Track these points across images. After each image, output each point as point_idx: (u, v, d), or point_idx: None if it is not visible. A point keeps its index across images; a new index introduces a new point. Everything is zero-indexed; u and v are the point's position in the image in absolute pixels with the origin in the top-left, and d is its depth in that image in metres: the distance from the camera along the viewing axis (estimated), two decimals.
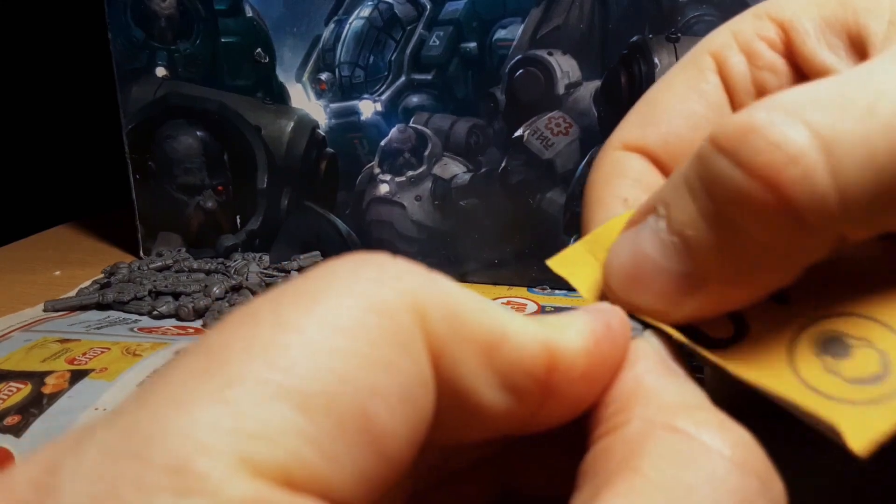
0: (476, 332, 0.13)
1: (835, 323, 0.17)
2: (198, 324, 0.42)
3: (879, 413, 0.15)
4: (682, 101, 0.22)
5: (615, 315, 0.16)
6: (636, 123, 0.22)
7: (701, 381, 0.16)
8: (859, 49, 0.20)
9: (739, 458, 0.13)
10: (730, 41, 0.21)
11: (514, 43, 0.44)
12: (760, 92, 0.21)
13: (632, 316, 0.17)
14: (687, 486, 0.13)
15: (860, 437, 0.15)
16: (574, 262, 0.20)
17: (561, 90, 0.44)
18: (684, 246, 0.16)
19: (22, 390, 0.32)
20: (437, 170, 0.47)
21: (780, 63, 0.21)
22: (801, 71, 0.21)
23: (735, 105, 0.22)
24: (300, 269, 0.48)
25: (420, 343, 0.13)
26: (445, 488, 0.17)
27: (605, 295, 0.18)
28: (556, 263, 0.20)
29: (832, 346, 0.16)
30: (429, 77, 0.46)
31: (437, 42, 0.45)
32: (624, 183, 0.21)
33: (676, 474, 0.13)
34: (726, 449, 0.13)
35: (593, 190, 0.22)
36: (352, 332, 0.12)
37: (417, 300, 0.13)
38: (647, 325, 0.17)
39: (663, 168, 0.22)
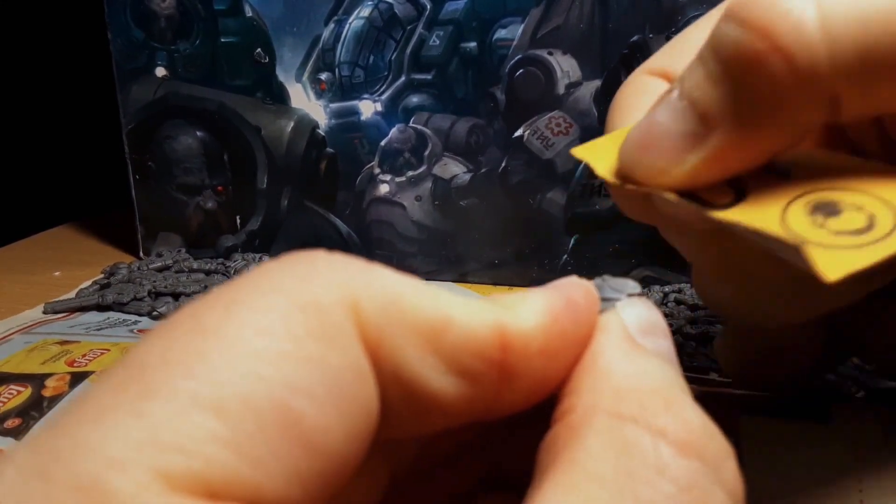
0: (417, 319, 0.13)
1: (831, 194, 0.18)
2: None
3: (858, 253, 0.16)
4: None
5: (578, 288, 0.15)
6: (665, 54, 0.24)
7: (698, 369, 0.16)
8: None
9: (685, 443, 0.13)
10: None
11: (514, 43, 0.44)
12: None
13: (608, 277, 0.17)
14: (627, 473, 0.12)
15: (835, 268, 0.15)
16: (595, 149, 0.21)
17: (561, 90, 0.44)
18: (691, 107, 0.18)
19: (22, 393, 0.32)
20: (437, 170, 0.47)
21: None
22: None
23: None
24: None
25: (352, 335, 0.12)
26: (425, 476, 0.17)
27: (618, 169, 0.20)
28: (579, 151, 0.21)
29: (825, 207, 0.17)
30: (429, 77, 0.46)
31: (437, 42, 0.45)
32: (648, 99, 0.22)
33: (616, 463, 0.12)
34: (670, 433, 0.13)
35: (618, 104, 0.24)
36: (273, 330, 0.12)
37: (349, 293, 0.13)
38: (630, 289, 0.16)
39: None
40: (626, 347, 0.15)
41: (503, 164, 0.46)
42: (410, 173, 0.47)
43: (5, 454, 0.11)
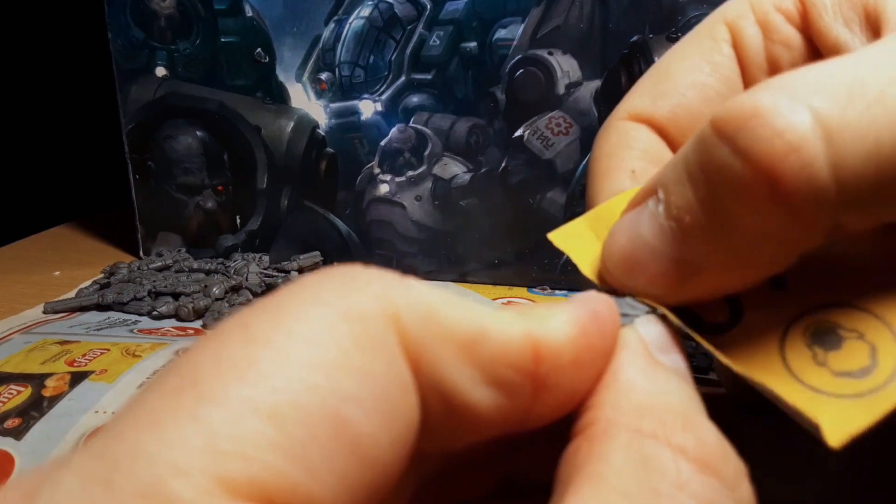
0: (454, 330, 0.13)
1: (830, 313, 0.17)
2: (197, 324, 0.42)
3: (860, 407, 0.15)
4: (694, 73, 0.21)
5: (602, 302, 0.16)
6: (646, 93, 0.22)
7: (698, 369, 0.16)
8: (874, 26, 0.19)
9: (703, 461, 0.13)
10: (746, 11, 0.21)
11: (515, 43, 0.44)
12: (773, 68, 0.21)
13: (627, 297, 0.17)
14: (650, 488, 0.12)
15: (837, 430, 0.15)
16: (575, 237, 0.19)
17: (561, 90, 0.44)
18: (681, 231, 0.16)
19: (22, 393, 0.32)
20: (437, 170, 0.47)
21: (795, 37, 0.21)
22: (816, 46, 0.21)
23: (747, 80, 0.21)
24: (300, 270, 0.48)
25: (395, 346, 0.13)
26: (448, 478, 0.17)
27: (602, 276, 0.18)
28: (558, 237, 0.20)
29: (825, 337, 0.16)
30: (429, 77, 0.46)
31: (437, 42, 0.45)
32: (631, 155, 0.21)
33: (638, 478, 0.13)
34: (690, 451, 0.13)
35: (599, 161, 0.22)
36: (321, 341, 0.12)
37: (390, 305, 0.13)
38: (647, 309, 0.17)
39: (671, 141, 0.22)
40: (645, 364, 0.15)
41: (503, 164, 0.46)
42: (410, 173, 0.47)
43: (63, 461, 0.11)
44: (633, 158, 0.21)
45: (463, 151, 0.46)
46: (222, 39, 0.48)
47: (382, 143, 0.47)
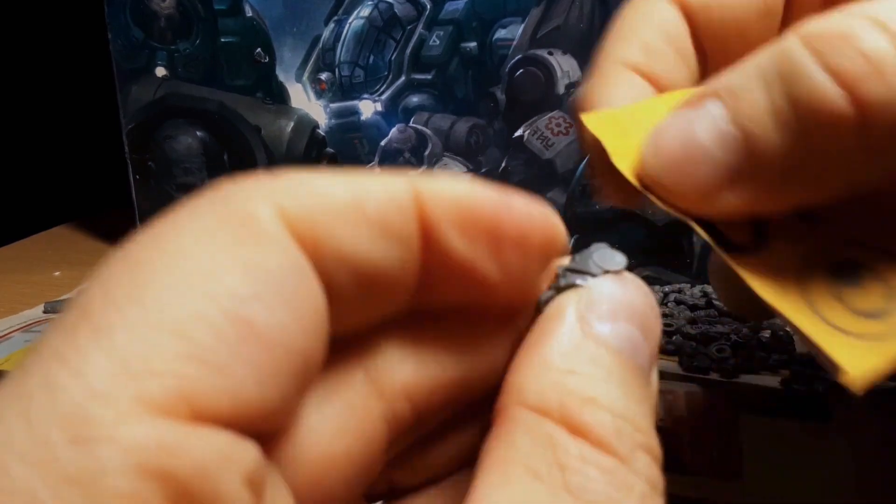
0: (337, 199, 0.13)
1: (855, 250, 0.17)
2: None
3: (876, 350, 0.15)
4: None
5: (527, 202, 0.15)
6: (632, 44, 0.21)
7: (698, 368, 0.16)
8: None
9: (599, 440, 0.13)
10: None
11: (514, 43, 0.44)
12: None
13: (599, 250, 0.16)
14: (558, 465, 0.13)
15: (858, 372, 0.15)
16: (610, 125, 0.19)
17: (561, 90, 0.44)
18: (743, 140, 0.16)
19: None
20: (437, 170, 0.47)
21: None
22: None
23: None
24: None
25: (282, 235, 0.13)
26: (420, 452, 0.17)
27: (641, 173, 0.17)
28: (592, 121, 0.19)
29: (846, 273, 0.16)
30: (429, 77, 0.46)
31: (437, 42, 0.45)
32: (648, 28, 0.21)
33: (545, 457, 0.13)
34: (587, 431, 0.13)
35: (617, 27, 0.22)
36: (206, 248, 0.12)
37: (269, 196, 0.13)
38: (618, 265, 0.16)
39: (695, 26, 0.21)
40: (569, 339, 0.14)
41: (503, 164, 0.46)
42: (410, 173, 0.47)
43: None
44: (649, 31, 0.21)
45: (463, 151, 0.46)
46: (222, 39, 0.48)
47: (382, 143, 0.47)
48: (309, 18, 0.46)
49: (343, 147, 0.48)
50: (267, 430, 0.12)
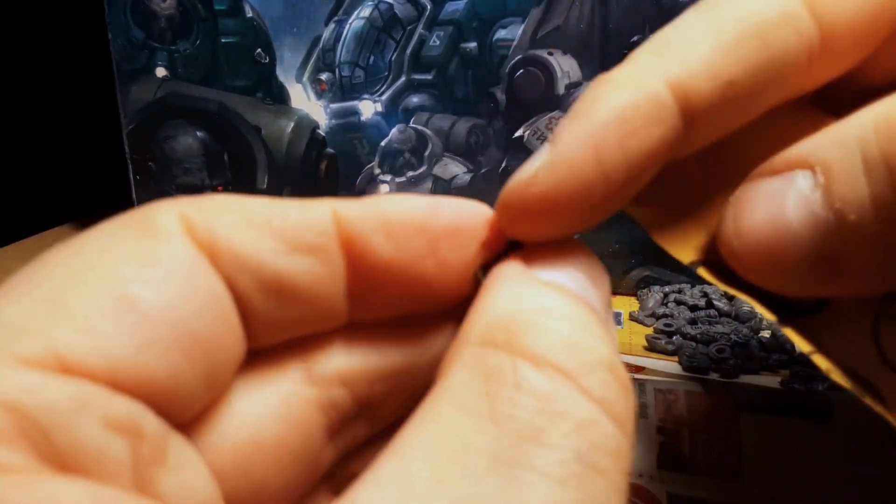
0: (249, 214, 0.15)
1: None
2: None
3: None
4: None
5: (450, 201, 0.16)
6: (677, 59, 0.17)
7: (698, 369, 0.15)
8: None
9: (542, 357, 0.13)
10: None
11: (515, 43, 0.44)
12: None
13: None
14: (487, 395, 0.12)
15: None
16: (678, 236, 0.17)
17: (561, 90, 0.44)
18: (838, 228, 0.14)
19: None
20: (437, 170, 0.47)
21: None
22: None
23: None
24: None
25: (177, 234, 0.14)
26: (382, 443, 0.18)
27: (726, 256, 0.16)
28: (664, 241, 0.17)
29: None
30: (429, 77, 0.46)
31: (437, 42, 0.45)
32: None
33: (475, 388, 0.13)
34: (528, 351, 0.13)
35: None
36: (107, 242, 0.14)
37: (174, 207, 0.14)
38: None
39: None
40: (516, 284, 0.14)
41: (503, 165, 0.46)
42: (411, 173, 0.47)
43: None
44: (760, 55, 0.16)
45: (463, 152, 0.46)
46: (222, 40, 0.48)
47: (382, 143, 0.47)
48: (309, 18, 0.46)
49: (343, 147, 0.48)
50: (163, 400, 0.13)
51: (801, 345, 0.15)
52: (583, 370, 0.13)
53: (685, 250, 0.17)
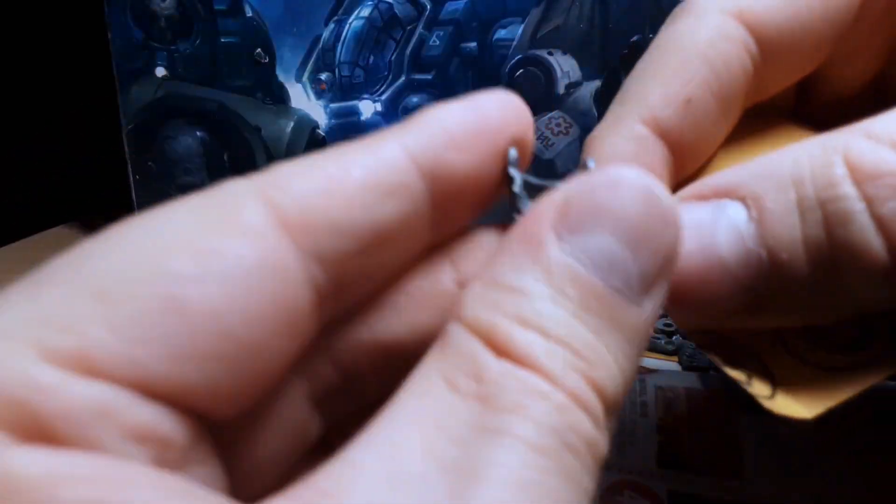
0: (324, 181, 0.14)
1: None
2: None
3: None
4: None
5: (487, 97, 0.16)
6: (643, 96, 0.19)
7: (697, 368, 0.15)
8: None
9: (534, 356, 0.13)
10: None
11: (514, 43, 0.44)
12: None
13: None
14: (476, 378, 0.12)
15: None
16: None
17: (561, 90, 0.44)
18: (771, 265, 0.14)
19: None
20: None
21: None
22: None
23: None
24: None
25: (264, 223, 0.13)
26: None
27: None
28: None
29: None
30: (429, 77, 0.46)
31: (437, 42, 0.45)
32: (708, 64, 0.18)
33: (465, 368, 0.13)
34: (523, 347, 0.13)
35: (666, 52, 0.19)
36: (167, 229, 0.13)
37: (258, 189, 0.14)
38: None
39: (767, 57, 0.18)
40: (524, 252, 0.13)
41: None
42: None
43: None
44: (685, 68, 0.18)
45: None
46: (222, 40, 0.48)
47: None
48: (309, 18, 0.46)
49: None
50: (199, 407, 0.13)
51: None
52: (563, 375, 0.12)
53: None
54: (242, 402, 0.13)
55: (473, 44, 0.44)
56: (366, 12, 0.45)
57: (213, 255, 0.13)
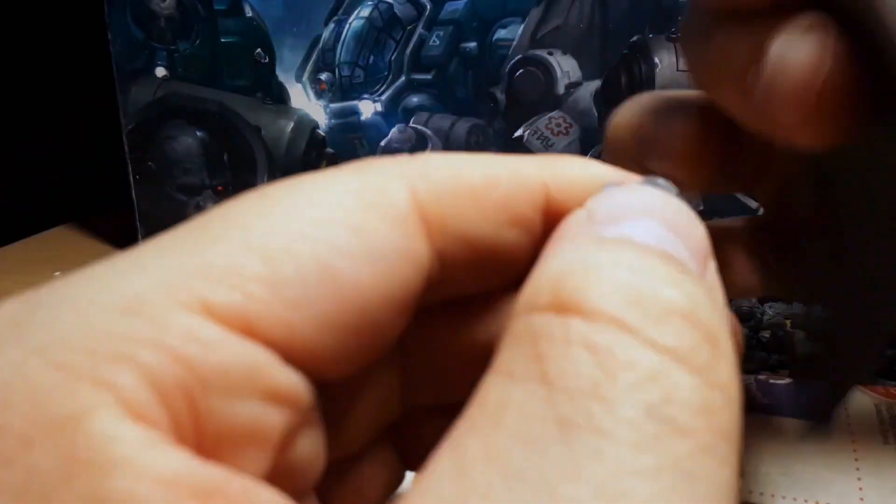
0: (467, 184, 0.14)
1: None
2: None
3: None
4: None
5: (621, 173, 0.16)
6: None
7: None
8: None
9: (597, 311, 0.11)
10: None
11: (514, 43, 0.44)
12: None
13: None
14: (535, 358, 0.11)
15: None
16: None
17: (561, 90, 0.44)
18: None
19: None
20: None
21: None
22: None
23: None
24: None
25: (405, 210, 0.14)
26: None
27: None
28: None
29: None
30: (429, 77, 0.46)
31: (437, 42, 0.45)
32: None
33: (525, 352, 0.11)
34: (580, 307, 0.11)
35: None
36: (325, 202, 0.13)
37: (403, 175, 0.14)
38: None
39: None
40: (575, 244, 0.13)
41: None
42: None
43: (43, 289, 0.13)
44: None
45: (463, 151, 0.46)
46: (222, 40, 0.48)
47: (382, 143, 0.47)
48: (309, 18, 0.46)
49: (343, 147, 0.48)
50: (325, 373, 0.13)
51: None
52: (647, 320, 0.11)
53: None
54: (352, 372, 0.14)
55: (473, 44, 0.44)
56: (366, 12, 0.45)
57: (365, 233, 0.13)
